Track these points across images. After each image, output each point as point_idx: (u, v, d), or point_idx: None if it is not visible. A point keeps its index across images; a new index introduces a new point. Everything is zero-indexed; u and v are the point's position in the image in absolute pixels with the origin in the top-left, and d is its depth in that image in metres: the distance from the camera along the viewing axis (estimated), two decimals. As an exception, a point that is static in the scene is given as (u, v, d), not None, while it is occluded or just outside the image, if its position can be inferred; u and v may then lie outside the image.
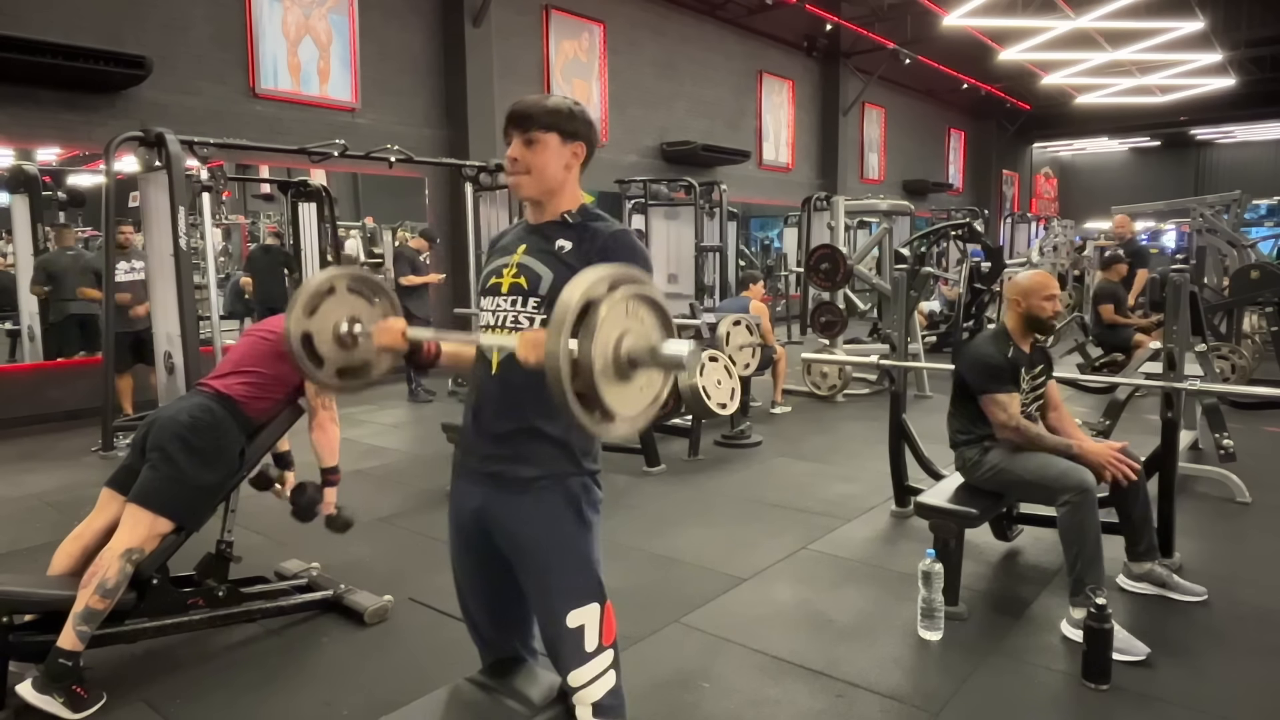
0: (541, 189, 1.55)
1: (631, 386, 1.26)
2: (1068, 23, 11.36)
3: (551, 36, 10.01)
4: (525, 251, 1.56)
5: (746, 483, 4.62)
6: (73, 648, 2.28)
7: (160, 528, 2.45)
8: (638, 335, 1.25)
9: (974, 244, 8.28)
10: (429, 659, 2.62)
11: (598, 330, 1.19)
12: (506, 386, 1.52)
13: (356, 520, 2.94)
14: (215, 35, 7.15)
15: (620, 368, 1.23)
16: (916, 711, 2.29)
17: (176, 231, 5.20)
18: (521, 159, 1.52)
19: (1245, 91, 16.81)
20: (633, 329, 1.24)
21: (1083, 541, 2.66)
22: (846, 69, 15.27)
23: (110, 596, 2.33)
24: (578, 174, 1.59)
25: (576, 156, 1.57)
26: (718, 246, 9.60)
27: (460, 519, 1.62)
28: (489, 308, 1.57)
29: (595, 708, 1.56)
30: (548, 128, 1.52)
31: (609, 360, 1.21)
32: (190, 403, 2.63)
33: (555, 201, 1.57)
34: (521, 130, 1.53)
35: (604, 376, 1.20)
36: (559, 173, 1.55)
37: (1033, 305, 2.95)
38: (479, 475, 1.57)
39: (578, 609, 1.52)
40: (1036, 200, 23.84)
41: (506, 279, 1.55)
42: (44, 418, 6.17)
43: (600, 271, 1.24)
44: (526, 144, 1.52)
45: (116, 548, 2.38)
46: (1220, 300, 6.73)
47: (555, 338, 1.17)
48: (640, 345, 1.24)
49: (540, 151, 1.52)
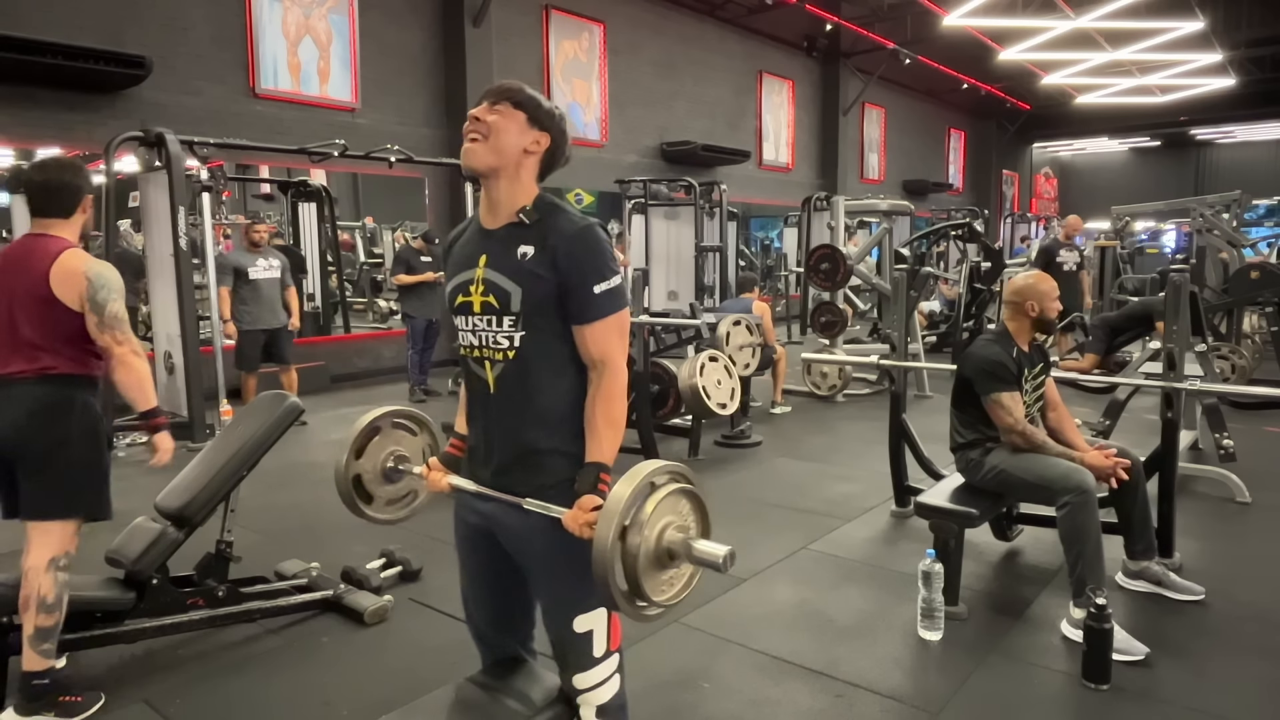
0: (493, 160, 1.47)
1: (666, 573, 1.33)
2: (1068, 23, 11.36)
3: (551, 36, 10.01)
4: (487, 264, 1.49)
5: (746, 483, 4.62)
6: (43, 667, 2.22)
7: (70, 528, 2.29)
8: (679, 529, 1.31)
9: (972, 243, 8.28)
10: (429, 659, 2.61)
11: (645, 525, 1.26)
12: (506, 405, 1.51)
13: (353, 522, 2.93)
14: (215, 35, 7.14)
15: (660, 559, 1.29)
16: (916, 711, 2.29)
17: (176, 231, 5.20)
18: (483, 120, 1.47)
19: (1245, 91, 16.81)
20: (675, 523, 1.31)
21: (1083, 542, 2.66)
22: (846, 69, 15.27)
23: (56, 609, 2.22)
24: (534, 169, 1.52)
25: (539, 145, 1.51)
26: (718, 247, 9.60)
27: (467, 521, 1.62)
28: (466, 327, 1.53)
29: (600, 710, 1.56)
30: (518, 104, 1.49)
31: (651, 552, 1.28)
32: (16, 404, 2.25)
33: (509, 194, 1.50)
34: (492, 100, 1.50)
35: (644, 566, 1.27)
36: (515, 151, 1.48)
37: (1046, 308, 2.97)
38: (486, 486, 1.56)
39: (585, 614, 1.51)
40: (1036, 200, 23.84)
41: (476, 297, 1.50)
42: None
43: (651, 467, 1.30)
44: (491, 110, 1.48)
45: (39, 564, 2.21)
46: (1220, 300, 6.73)
47: (606, 530, 1.24)
48: (679, 539, 1.30)
49: (503, 120, 1.48)
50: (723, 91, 12.86)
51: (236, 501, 2.78)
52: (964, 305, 8.46)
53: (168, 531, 2.57)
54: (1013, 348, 2.97)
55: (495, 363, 1.50)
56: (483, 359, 1.52)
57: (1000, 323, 3.14)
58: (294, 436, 2.98)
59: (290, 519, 4.04)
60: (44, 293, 2.25)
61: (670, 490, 1.30)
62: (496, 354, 1.49)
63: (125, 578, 2.54)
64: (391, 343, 8.60)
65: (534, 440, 1.49)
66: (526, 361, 1.48)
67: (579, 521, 1.37)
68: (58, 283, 2.25)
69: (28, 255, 2.30)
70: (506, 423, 1.51)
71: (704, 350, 5.09)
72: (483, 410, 1.55)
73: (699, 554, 1.30)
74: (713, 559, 1.29)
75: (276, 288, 5.92)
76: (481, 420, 1.56)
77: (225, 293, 5.79)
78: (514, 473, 1.51)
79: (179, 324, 5.29)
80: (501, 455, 1.52)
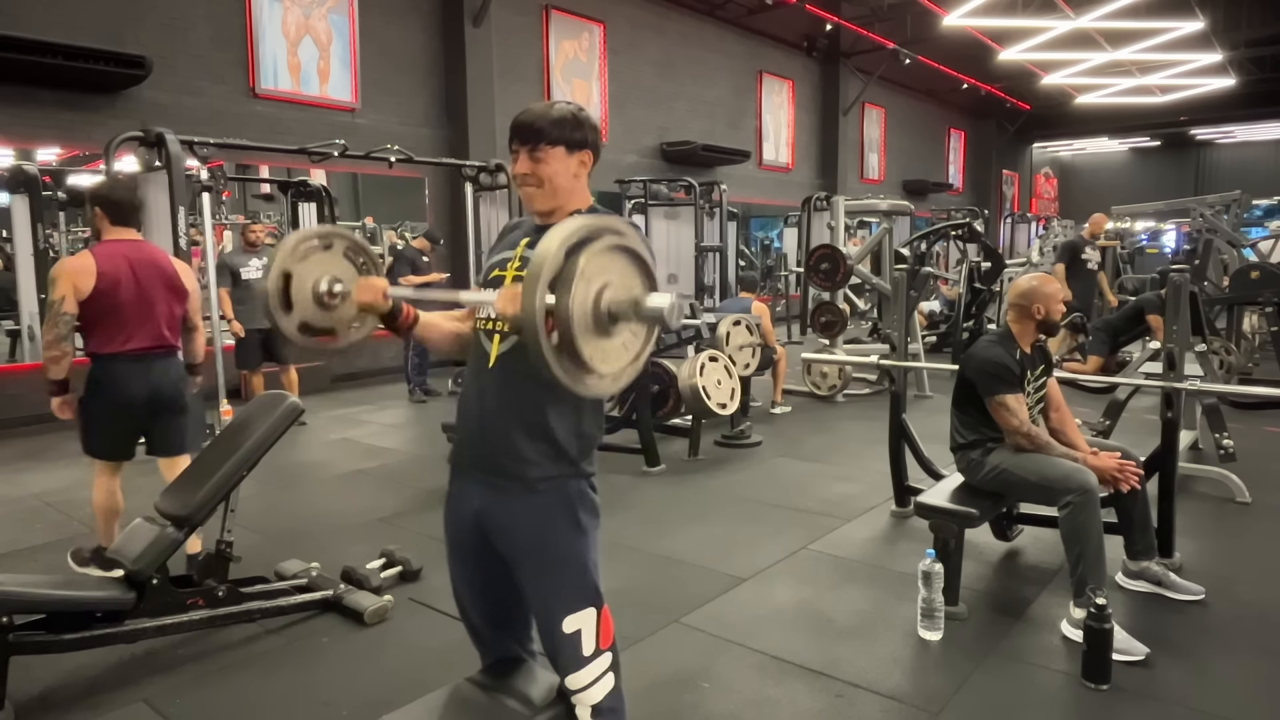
0: (554, 202, 1.55)
1: (613, 342, 1.23)
2: (1068, 23, 11.36)
3: (551, 36, 10.01)
4: (528, 245, 1.55)
5: (746, 483, 4.62)
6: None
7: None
8: (618, 288, 1.21)
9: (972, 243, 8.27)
10: (429, 659, 2.61)
11: (576, 282, 1.15)
12: (505, 380, 1.51)
13: (358, 522, 2.94)
14: (215, 35, 7.14)
15: (600, 322, 1.20)
16: (916, 711, 2.29)
17: (176, 231, 5.20)
18: (532, 173, 1.53)
19: (1245, 91, 16.81)
20: (613, 282, 1.21)
21: (1085, 543, 2.66)
22: (846, 69, 15.27)
23: None
24: (586, 179, 1.59)
25: (584, 165, 1.57)
26: (718, 247, 9.60)
27: (458, 521, 1.62)
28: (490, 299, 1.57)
29: (595, 710, 1.56)
30: (555, 141, 1.52)
31: (588, 313, 1.18)
32: (174, 369, 3.19)
33: (566, 207, 1.57)
34: (528, 145, 1.52)
35: (583, 330, 1.17)
36: (569, 182, 1.55)
37: (1051, 311, 2.98)
38: (477, 475, 1.56)
39: (574, 614, 1.52)
40: (1036, 200, 23.84)
41: (510, 271, 1.55)
42: (44, 418, 6.11)
43: (579, 222, 1.20)
44: (534, 160, 1.52)
45: None
46: (1220, 295, 6.73)
47: (532, 291, 1.14)
48: (621, 298, 1.21)
49: (548, 164, 1.52)
50: (723, 91, 12.86)
51: (236, 501, 2.77)
52: (964, 305, 8.46)
53: (168, 531, 2.57)
54: (1015, 349, 2.97)
55: (506, 337, 1.50)
56: (492, 332, 1.53)
57: (1003, 324, 3.14)
58: (294, 436, 2.98)
59: (290, 519, 4.04)
60: (178, 285, 3.15)
61: (603, 246, 1.20)
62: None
63: (125, 578, 2.54)
64: (391, 343, 8.58)
65: (526, 416, 1.49)
66: None
67: (505, 296, 1.31)
68: (184, 277, 3.19)
69: (151, 256, 3.12)
70: (501, 398, 1.51)
71: (704, 350, 5.09)
72: (480, 388, 1.55)
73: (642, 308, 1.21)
74: (655, 310, 1.21)
75: None
76: (478, 398, 1.56)
77: (225, 294, 5.80)
78: (505, 451, 1.51)
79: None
80: (492, 433, 1.52)
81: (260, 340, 5.92)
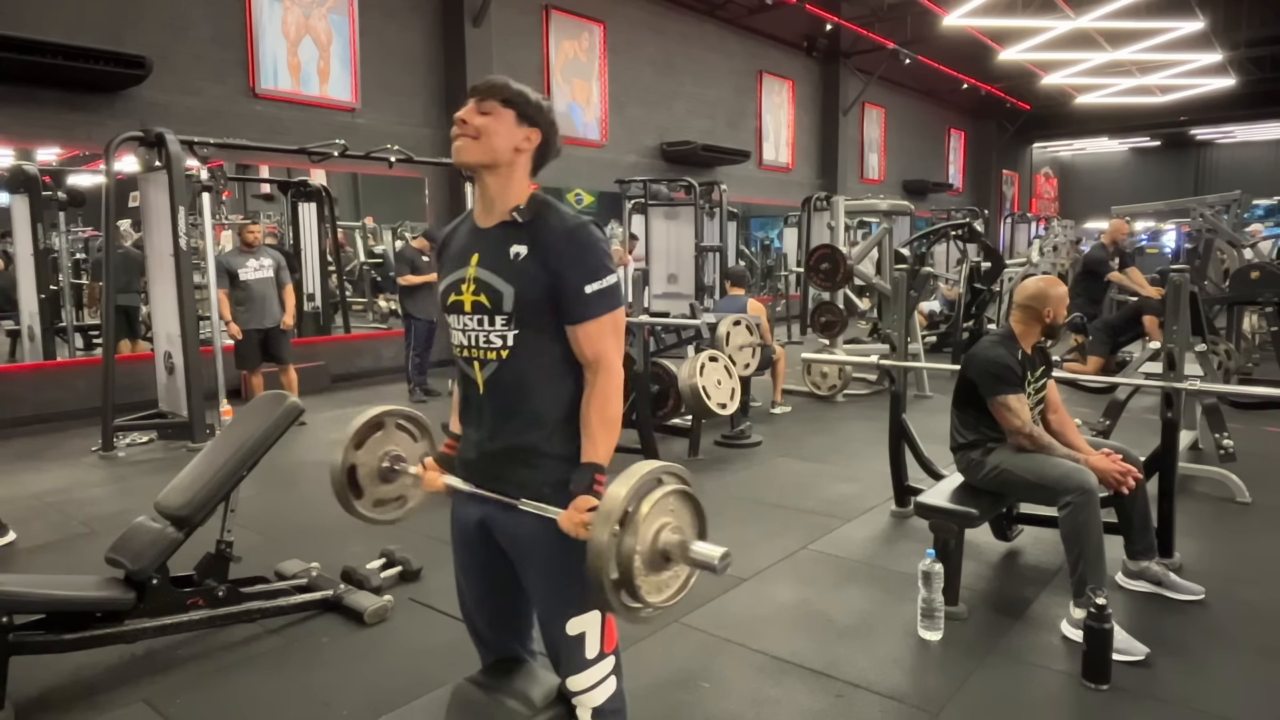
0: (484, 156, 1.46)
1: (661, 575, 1.32)
2: (1068, 23, 11.35)
3: (551, 36, 10.01)
4: (479, 263, 1.48)
5: (746, 483, 4.62)
6: None
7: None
8: (674, 530, 1.31)
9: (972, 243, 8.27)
10: (429, 659, 2.61)
11: (640, 526, 1.25)
12: (496, 405, 1.50)
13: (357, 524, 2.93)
14: (215, 35, 7.14)
15: (655, 560, 1.29)
16: (916, 711, 2.29)
17: (176, 231, 5.20)
18: (471, 121, 1.46)
19: (1245, 91, 16.80)
20: (670, 524, 1.31)
21: (1085, 543, 2.65)
22: (846, 69, 15.27)
23: None
24: (527, 165, 1.52)
25: (529, 142, 1.49)
26: (718, 247, 9.59)
27: (464, 522, 1.62)
28: (457, 326, 1.52)
29: (596, 712, 1.56)
30: (507, 102, 1.47)
31: (646, 553, 1.27)
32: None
33: (502, 193, 1.48)
34: (478, 95, 1.48)
35: (639, 567, 1.27)
36: (506, 149, 1.46)
37: (1059, 314, 2.99)
38: (481, 486, 1.55)
39: (578, 616, 1.51)
40: (1036, 200, 23.84)
41: (467, 296, 1.49)
42: (44, 418, 6.16)
43: (647, 468, 1.29)
44: (481, 111, 1.47)
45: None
46: (1219, 294, 6.73)
47: (601, 530, 1.23)
48: (675, 541, 1.30)
49: (492, 120, 1.46)
50: (723, 91, 12.86)
51: (236, 501, 2.77)
52: (964, 305, 8.46)
53: (167, 531, 2.57)
54: (1017, 350, 2.96)
55: (486, 363, 1.49)
56: (472, 359, 1.51)
57: (1005, 324, 3.14)
58: (294, 436, 2.99)
59: (290, 519, 4.04)
60: None
61: (666, 491, 1.30)
62: (488, 354, 1.49)
63: (125, 578, 2.54)
64: (391, 343, 8.60)
65: (527, 441, 1.49)
66: (519, 361, 1.47)
67: (574, 521, 1.36)
68: None
69: None
70: (495, 422, 1.51)
71: (704, 350, 5.09)
72: (476, 411, 1.55)
73: (695, 555, 1.29)
74: (708, 560, 1.28)
75: (269, 287, 5.91)
76: (474, 421, 1.55)
77: (223, 294, 5.80)
78: (508, 474, 1.50)
79: (179, 324, 5.29)
80: (491, 454, 1.52)
81: (259, 340, 5.92)
